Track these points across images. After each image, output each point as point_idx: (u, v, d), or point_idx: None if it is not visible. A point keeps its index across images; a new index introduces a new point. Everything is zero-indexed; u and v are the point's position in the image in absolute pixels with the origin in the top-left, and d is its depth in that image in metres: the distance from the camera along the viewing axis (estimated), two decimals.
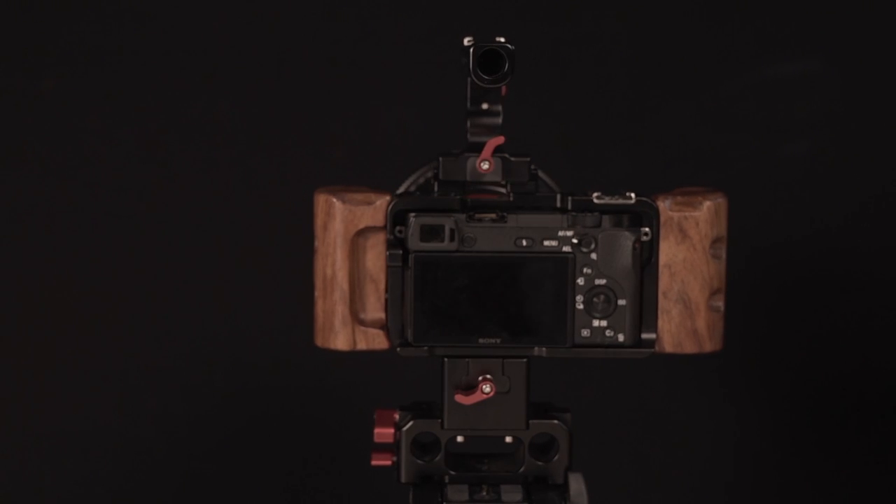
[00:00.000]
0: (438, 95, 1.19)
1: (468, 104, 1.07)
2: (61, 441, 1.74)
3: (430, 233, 1.03)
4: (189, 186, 1.74)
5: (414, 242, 1.03)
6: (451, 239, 1.03)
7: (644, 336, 1.05)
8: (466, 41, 1.03)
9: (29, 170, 1.72)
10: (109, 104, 1.72)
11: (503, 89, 1.06)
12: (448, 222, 1.03)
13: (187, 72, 1.72)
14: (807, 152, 1.76)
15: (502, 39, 1.04)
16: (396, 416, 1.08)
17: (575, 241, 1.02)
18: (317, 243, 1.07)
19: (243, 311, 1.75)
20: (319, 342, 1.08)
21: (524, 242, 1.03)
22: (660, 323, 1.06)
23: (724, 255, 1.06)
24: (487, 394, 1.04)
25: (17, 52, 1.71)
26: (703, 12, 1.76)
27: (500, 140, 1.04)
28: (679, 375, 1.75)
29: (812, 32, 1.75)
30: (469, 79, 1.03)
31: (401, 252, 1.04)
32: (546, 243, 1.03)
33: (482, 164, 1.03)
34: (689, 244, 1.05)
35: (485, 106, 1.06)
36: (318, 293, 1.07)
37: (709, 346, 1.06)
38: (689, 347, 1.06)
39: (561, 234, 1.03)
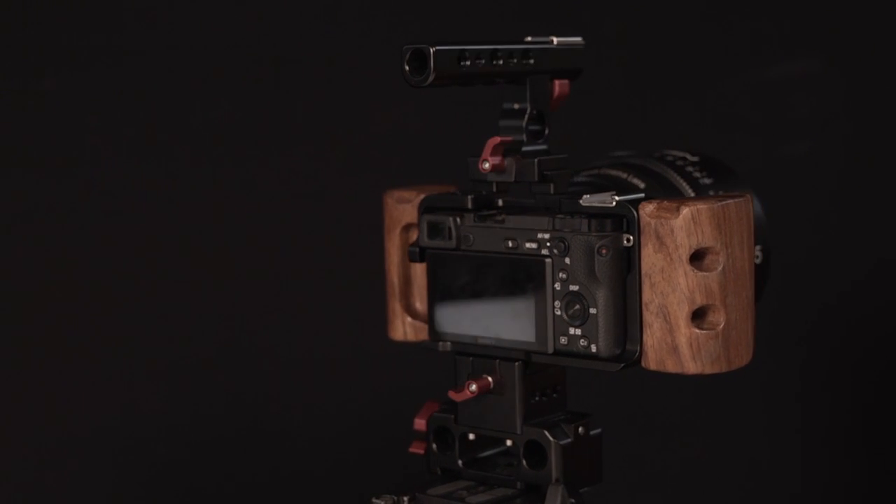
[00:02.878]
0: (442, 96, 1.19)
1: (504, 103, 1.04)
2: (97, 439, 1.73)
3: (433, 230, 1.04)
4: (189, 185, 1.74)
5: (422, 239, 1.05)
6: (449, 237, 1.03)
7: (625, 349, 0.98)
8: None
9: (29, 170, 1.72)
10: (109, 104, 1.72)
11: (554, 91, 1.04)
12: (448, 221, 1.03)
13: (187, 72, 1.72)
14: (807, 152, 1.76)
15: (554, 40, 1.03)
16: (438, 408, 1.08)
17: (548, 244, 0.99)
18: None
19: (255, 311, 1.75)
20: (388, 333, 1.11)
21: (510, 244, 1.01)
22: (644, 336, 0.97)
23: (721, 268, 0.95)
24: (473, 392, 1.03)
25: (17, 52, 1.71)
26: (702, 12, 1.76)
27: (497, 140, 1.02)
28: (682, 382, 1.75)
29: (812, 32, 1.75)
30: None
31: (418, 249, 1.05)
32: (527, 245, 1.01)
33: (483, 164, 1.01)
34: (666, 253, 0.95)
35: (515, 106, 1.03)
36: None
37: (692, 368, 0.95)
38: (671, 366, 0.95)
39: (539, 236, 1.00)
